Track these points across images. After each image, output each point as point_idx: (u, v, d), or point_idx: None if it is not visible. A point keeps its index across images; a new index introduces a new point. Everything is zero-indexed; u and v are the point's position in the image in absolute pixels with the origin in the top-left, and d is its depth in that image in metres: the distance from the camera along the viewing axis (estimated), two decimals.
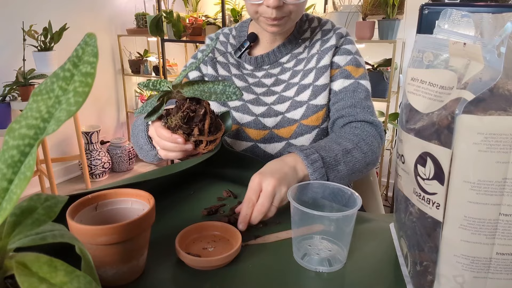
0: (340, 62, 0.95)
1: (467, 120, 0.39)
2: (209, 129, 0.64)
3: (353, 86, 0.92)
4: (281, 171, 0.67)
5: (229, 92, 0.62)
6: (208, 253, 0.58)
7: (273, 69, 0.99)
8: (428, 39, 0.47)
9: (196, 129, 0.63)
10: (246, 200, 0.64)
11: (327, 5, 2.68)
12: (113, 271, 0.50)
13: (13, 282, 0.31)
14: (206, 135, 0.64)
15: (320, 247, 0.58)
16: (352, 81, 0.93)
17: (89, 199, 0.54)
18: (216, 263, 0.54)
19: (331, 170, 0.74)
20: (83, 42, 0.32)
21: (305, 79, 0.95)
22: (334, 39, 0.96)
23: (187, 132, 0.63)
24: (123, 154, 3.16)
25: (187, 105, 0.62)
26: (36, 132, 0.30)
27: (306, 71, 0.95)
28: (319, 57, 0.95)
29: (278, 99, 0.95)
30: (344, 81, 0.93)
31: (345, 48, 0.96)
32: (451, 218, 0.42)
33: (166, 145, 0.67)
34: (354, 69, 0.94)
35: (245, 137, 0.95)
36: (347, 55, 0.95)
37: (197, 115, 0.63)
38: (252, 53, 1.03)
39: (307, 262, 0.56)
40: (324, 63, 0.94)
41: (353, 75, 0.93)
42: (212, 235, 0.62)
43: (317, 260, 0.56)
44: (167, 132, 0.65)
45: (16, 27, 2.41)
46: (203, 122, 0.63)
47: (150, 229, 0.54)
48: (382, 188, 2.64)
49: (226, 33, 1.08)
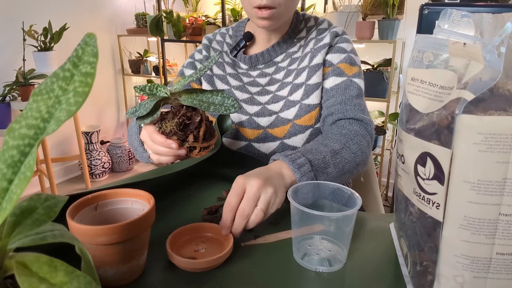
0: (333, 60, 0.93)
1: (467, 120, 0.39)
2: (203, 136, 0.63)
3: (345, 83, 0.90)
4: (267, 174, 0.65)
5: (228, 104, 0.61)
6: (201, 254, 0.57)
7: (267, 68, 0.99)
8: (428, 39, 0.47)
9: (191, 136, 0.62)
10: (226, 203, 0.60)
11: (327, 5, 2.68)
12: (113, 271, 0.50)
13: (13, 282, 0.31)
14: (200, 142, 0.63)
15: (320, 247, 0.58)
16: (345, 78, 0.91)
17: (89, 199, 0.54)
18: (207, 264, 0.54)
19: (321, 173, 0.71)
20: (83, 42, 0.32)
21: (298, 78, 0.94)
22: (328, 38, 0.94)
23: (181, 138, 0.63)
24: (123, 154, 3.16)
25: (183, 111, 0.62)
26: (36, 132, 0.30)
27: (299, 70, 0.95)
28: (312, 56, 0.94)
29: (272, 99, 0.95)
30: (336, 78, 0.91)
31: (340, 46, 0.95)
32: (451, 218, 0.42)
33: (159, 149, 0.65)
34: (348, 67, 0.93)
35: (240, 137, 0.95)
36: (341, 53, 0.94)
37: (192, 122, 0.62)
38: (248, 52, 1.03)
39: (307, 262, 0.56)
40: (317, 62, 0.93)
41: (346, 72, 0.92)
42: (204, 236, 0.61)
43: (317, 260, 0.56)
44: (161, 137, 0.63)
45: (16, 27, 2.41)
46: (198, 129, 0.63)
47: (150, 229, 0.54)
48: (382, 188, 2.64)
49: (223, 32, 1.09)
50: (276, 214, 0.66)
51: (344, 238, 0.56)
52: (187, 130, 0.62)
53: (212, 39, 1.08)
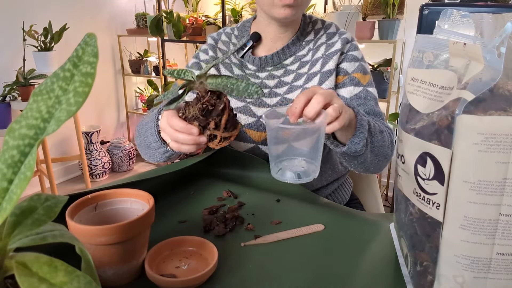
0: (348, 69, 0.95)
1: (467, 120, 0.39)
2: (225, 125, 0.63)
3: (363, 93, 0.94)
4: None
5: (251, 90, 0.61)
6: (182, 272, 0.53)
7: (276, 70, 0.99)
8: (428, 39, 0.47)
9: (212, 122, 0.62)
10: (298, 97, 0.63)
11: (327, 5, 2.68)
12: (112, 271, 0.50)
13: (13, 282, 0.31)
14: (221, 131, 0.63)
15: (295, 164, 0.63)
16: (361, 88, 0.94)
17: (89, 199, 0.54)
18: (187, 284, 0.49)
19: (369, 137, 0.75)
20: (83, 42, 0.32)
21: (309, 82, 0.94)
22: (339, 44, 0.96)
23: (203, 124, 0.62)
24: (123, 154, 3.16)
25: (207, 98, 0.62)
26: (36, 132, 0.30)
27: (311, 74, 0.95)
28: (324, 62, 0.95)
29: (280, 101, 0.95)
30: (354, 88, 0.94)
31: (352, 54, 0.97)
32: (451, 218, 0.42)
33: (179, 136, 0.65)
34: (362, 76, 0.95)
35: (247, 139, 0.95)
36: (355, 62, 0.96)
37: (215, 109, 0.62)
38: (255, 53, 1.02)
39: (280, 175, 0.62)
40: (329, 68, 0.94)
41: (361, 82, 0.95)
42: (185, 251, 0.57)
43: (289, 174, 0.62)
44: (182, 122, 0.63)
45: (16, 27, 2.41)
46: (220, 117, 0.62)
47: (150, 229, 0.54)
48: (382, 188, 2.64)
49: (228, 32, 1.07)
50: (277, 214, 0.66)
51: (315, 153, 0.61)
52: (209, 117, 0.62)
53: (217, 38, 1.07)
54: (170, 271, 0.52)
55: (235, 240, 0.62)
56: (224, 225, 0.65)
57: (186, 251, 0.57)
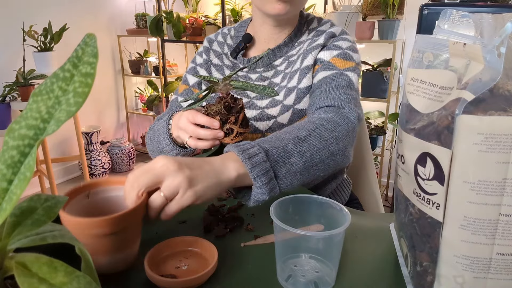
0: (325, 57, 0.89)
1: (467, 120, 0.39)
2: (242, 121, 0.73)
3: (334, 75, 0.85)
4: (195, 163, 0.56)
5: (268, 91, 0.71)
6: (182, 272, 0.52)
7: (266, 72, 0.97)
8: (428, 39, 0.47)
9: (232, 117, 0.72)
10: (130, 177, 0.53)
11: (327, 5, 2.68)
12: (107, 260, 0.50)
13: (13, 282, 0.31)
14: (238, 126, 0.72)
15: (306, 268, 0.53)
16: (335, 71, 0.86)
17: (80, 187, 0.54)
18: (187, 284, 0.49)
19: (281, 163, 0.62)
20: (83, 42, 0.32)
21: (291, 81, 0.91)
22: (322, 38, 0.91)
23: (224, 118, 0.72)
24: (123, 154, 3.16)
25: (228, 98, 0.73)
26: (36, 133, 0.30)
27: (292, 72, 0.92)
28: (303, 57, 0.91)
29: (270, 103, 0.93)
30: (324, 72, 0.87)
31: (335, 44, 0.90)
32: (451, 219, 0.42)
33: (200, 132, 0.71)
34: (341, 61, 0.87)
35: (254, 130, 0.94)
36: (335, 50, 0.89)
37: (235, 107, 0.73)
38: (248, 54, 1.01)
39: (291, 285, 0.50)
40: (307, 63, 0.89)
41: (337, 66, 0.87)
42: (185, 252, 0.56)
43: (303, 283, 0.51)
44: (206, 117, 0.71)
45: (16, 28, 2.41)
46: (238, 114, 0.73)
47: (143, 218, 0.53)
48: (382, 188, 2.64)
49: (224, 33, 1.07)
50: None
51: (333, 257, 0.51)
52: (230, 113, 0.73)
53: (213, 40, 1.06)
54: (170, 272, 0.52)
55: (235, 240, 0.62)
56: (224, 225, 0.65)
57: (186, 252, 0.56)
